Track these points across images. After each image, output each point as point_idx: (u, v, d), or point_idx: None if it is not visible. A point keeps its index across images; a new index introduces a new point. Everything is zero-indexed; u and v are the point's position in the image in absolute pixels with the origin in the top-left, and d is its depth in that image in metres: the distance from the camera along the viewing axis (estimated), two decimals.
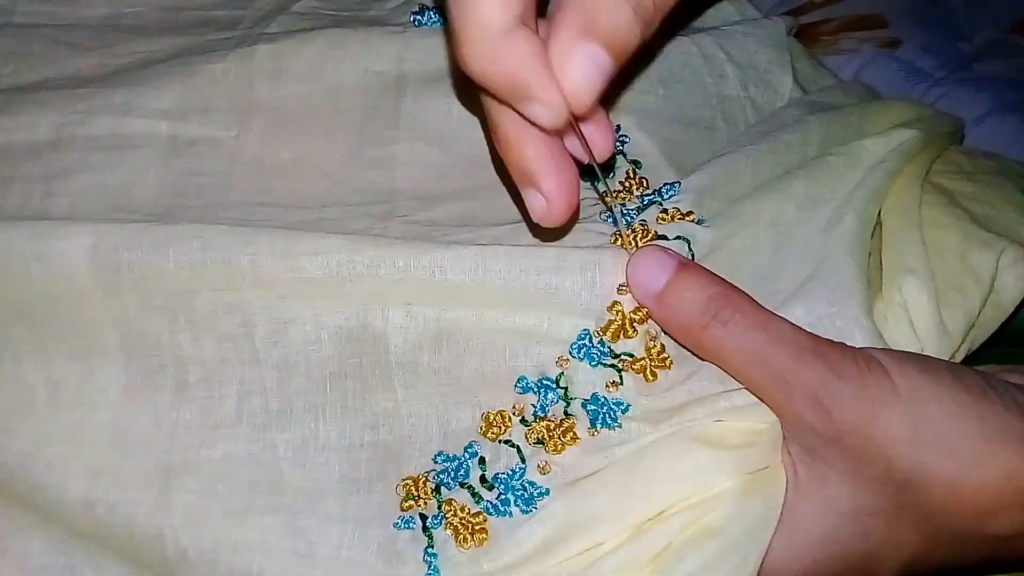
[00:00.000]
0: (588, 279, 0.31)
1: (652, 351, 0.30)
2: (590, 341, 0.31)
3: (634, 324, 0.30)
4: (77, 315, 0.32)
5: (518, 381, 0.31)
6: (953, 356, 0.34)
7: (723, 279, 0.29)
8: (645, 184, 0.35)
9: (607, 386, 0.30)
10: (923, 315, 0.32)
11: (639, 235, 0.31)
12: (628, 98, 0.38)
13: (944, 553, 0.29)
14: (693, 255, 0.31)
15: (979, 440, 0.27)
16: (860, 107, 0.39)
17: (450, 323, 0.31)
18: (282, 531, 0.30)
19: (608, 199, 0.33)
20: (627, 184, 0.35)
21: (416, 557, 0.30)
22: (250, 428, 0.32)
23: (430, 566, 0.29)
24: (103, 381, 0.33)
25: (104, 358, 0.33)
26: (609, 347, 0.31)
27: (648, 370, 0.30)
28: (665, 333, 0.31)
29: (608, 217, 0.33)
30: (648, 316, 0.30)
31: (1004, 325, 0.36)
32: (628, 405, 0.30)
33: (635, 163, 0.36)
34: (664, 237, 0.32)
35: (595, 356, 0.31)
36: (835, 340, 0.28)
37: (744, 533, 0.28)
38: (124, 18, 0.43)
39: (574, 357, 0.31)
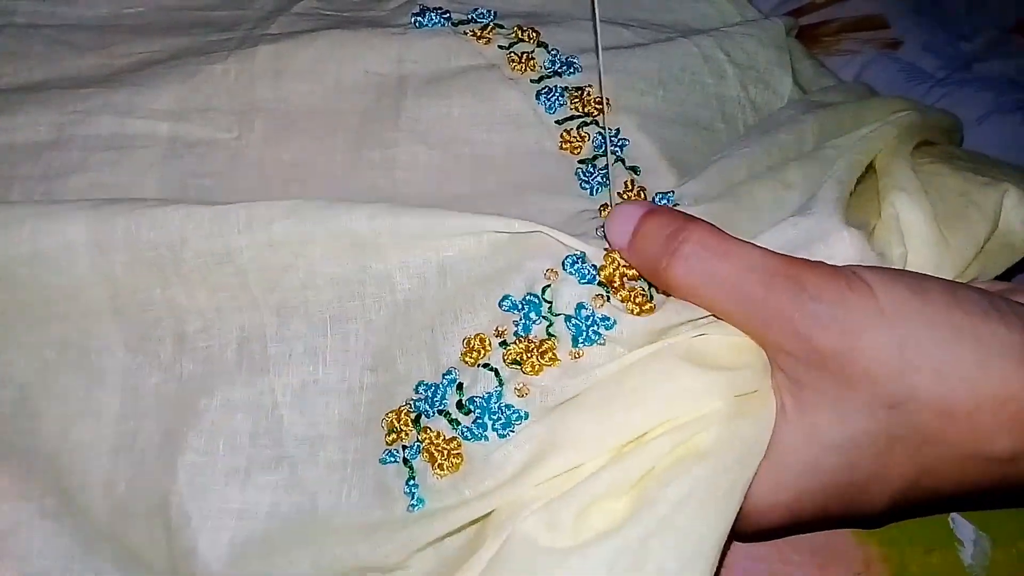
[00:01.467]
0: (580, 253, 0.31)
1: (635, 298, 0.30)
2: (583, 261, 0.30)
3: (624, 277, 0.30)
4: (65, 279, 0.32)
5: (503, 299, 0.30)
6: (959, 277, 0.33)
7: (688, 216, 0.29)
8: (643, 196, 0.35)
9: (593, 300, 0.29)
10: (914, 222, 0.32)
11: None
12: (628, 99, 0.38)
13: (940, 480, 0.28)
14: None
15: (973, 362, 0.26)
16: (855, 104, 0.39)
17: (451, 258, 0.31)
18: (285, 487, 0.30)
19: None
20: (625, 196, 0.35)
21: (401, 490, 0.29)
22: (248, 373, 0.32)
23: (413, 497, 0.29)
24: (105, 340, 0.32)
25: (98, 318, 0.32)
26: (599, 268, 0.30)
27: (631, 301, 0.29)
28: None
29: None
30: (638, 275, 0.30)
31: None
32: (614, 321, 0.29)
33: (633, 169, 0.36)
34: None
35: (585, 273, 0.30)
36: (817, 255, 0.28)
37: (734, 458, 0.27)
38: (125, 18, 0.43)
39: (564, 270, 0.30)
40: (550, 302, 0.30)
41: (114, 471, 0.31)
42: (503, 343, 0.30)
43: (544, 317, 0.30)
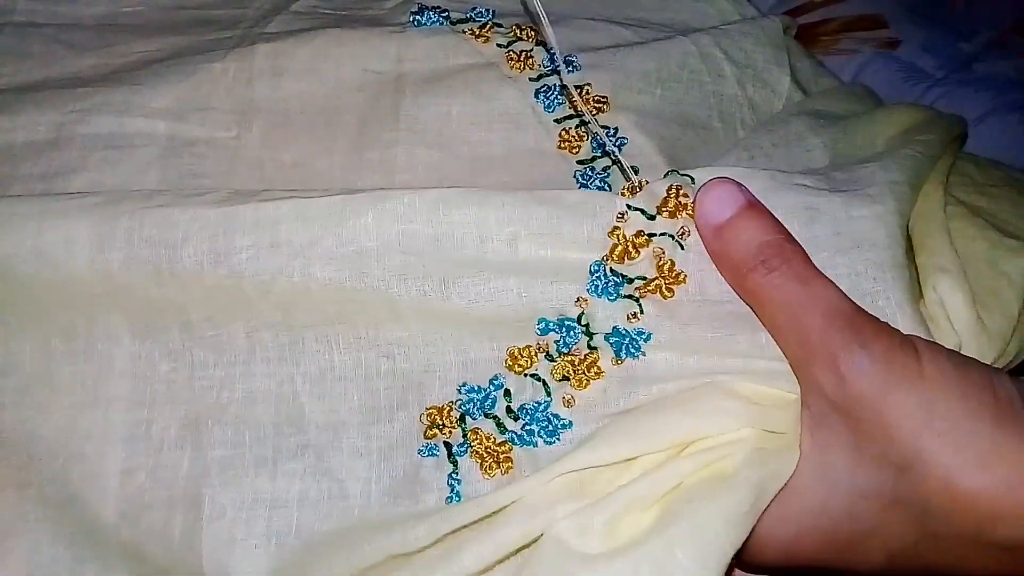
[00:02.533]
0: (589, 209, 0.31)
1: (663, 268, 0.31)
2: (604, 274, 0.31)
3: (636, 247, 0.31)
4: (63, 274, 0.32)
5: (539, 323, 0.31)
6: (1000, 357, 0.33)
7: (784, 228, 0.30)
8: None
9: (628, 318, 0.31)
10: (959, 313, 0.32)
11: (632, 187, 0.32)
12: (626, 98, 0.38)
13: (938, 553, 0.28)
14: (693, 179, 0.32)
15: (989, 443, 0.26)
16: (865, 119, 0.38)
17: (453, 269, 0.31)
18: (312, 473, 0.31)
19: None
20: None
21: (440, 484, 0.30)
22: (265, 363, 0.32)
23: (452, 490, 0.30)
24: (111, 329, 0.32)
25: (102, 308, 0.32)
26: (622, 274, 0.31)
27: (663, 288, 0.31)
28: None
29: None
30: (648, 241, 0.31)
31: None
32: (650, 334, 0.30)
33: (633, 169, 0.36)
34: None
35: (612, 290, 0.31)
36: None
37: (757, 481, 0.28)
38: (123, 17, 0.43)
39: (592, 295, 0.31)
40: (586, 325, 0.31)
41: (132, 460, 0.31)
42: (548, 356, 0.31)
43: (584, 335, 0.31)
